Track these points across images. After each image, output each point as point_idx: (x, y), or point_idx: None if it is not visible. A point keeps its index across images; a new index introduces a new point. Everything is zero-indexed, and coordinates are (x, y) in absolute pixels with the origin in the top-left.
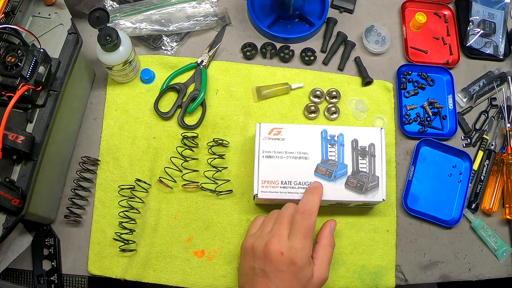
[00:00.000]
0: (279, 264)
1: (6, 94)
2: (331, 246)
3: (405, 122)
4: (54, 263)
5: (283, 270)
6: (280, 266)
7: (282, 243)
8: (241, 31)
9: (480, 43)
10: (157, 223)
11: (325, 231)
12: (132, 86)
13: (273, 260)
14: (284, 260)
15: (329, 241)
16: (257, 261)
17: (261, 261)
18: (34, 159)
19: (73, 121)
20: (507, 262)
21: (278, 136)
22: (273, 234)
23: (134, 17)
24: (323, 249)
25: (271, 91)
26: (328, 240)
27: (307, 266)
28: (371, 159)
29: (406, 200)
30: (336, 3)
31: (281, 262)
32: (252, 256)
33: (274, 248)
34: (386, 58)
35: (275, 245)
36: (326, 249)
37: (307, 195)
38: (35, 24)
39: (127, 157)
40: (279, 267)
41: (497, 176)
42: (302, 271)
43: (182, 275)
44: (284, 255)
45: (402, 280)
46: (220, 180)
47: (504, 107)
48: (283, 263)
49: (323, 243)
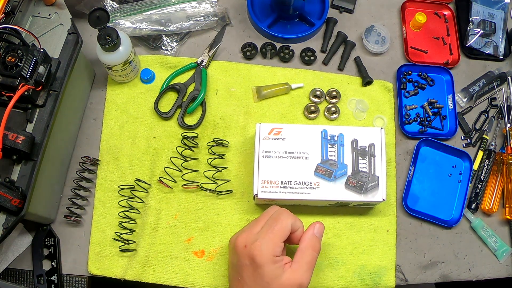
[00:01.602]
0: (243, 257)
1: (6, 94)
2: (312, 250)
3: (405, 122)
4: (54, 263)
5: (246, 264)
6: (244, 259)
7: (249, 236)
8: (241, 31)
9: (480, 43)
10: (157, 223)
11: (307, 234)
12: (132, 86)
13: (238, 253)
14: (246, 254)
15: (310, 244)
16: (231, 255)
17: (232, 255)
18: (34, 159)
19: (73, 121)
20: (507, 262)
21: (278, 136)
22: (245, 229)
23: (134, 17)
24: (302, 252)
25: (271, 91)
26: (308, 243)
27: (269, 264)
28: (371, 159)
29: (406, 200)
30: (336, 3)
31: (244, 255)
32: (230, 250)
33: (240, 240)
34: (386, 58)
35: (242, 238)
36: (305, 252)
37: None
38: (35, 24)
39: (127, 157)
40: (243, 261)
41: (497, 176)
42: (262, 268)
43: (182, 275)
44: (246, 248)
45: (402, 280)
46: (220, 180)
47: (504, 107)
48: (246, 257)
49: (302, 245)
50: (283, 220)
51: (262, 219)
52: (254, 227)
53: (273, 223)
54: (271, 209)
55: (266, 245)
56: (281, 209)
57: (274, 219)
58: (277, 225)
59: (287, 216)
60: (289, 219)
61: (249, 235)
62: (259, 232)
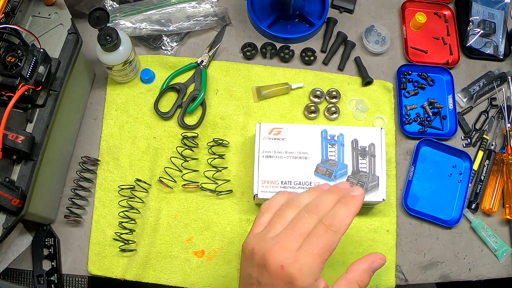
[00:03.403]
0: (276, 279)
1: (6, 94)
2: (358, 285)
3: (405, 122)
4: (54, 263)
5: (280, 285)
6: (277, 281)
7: (286, 254)
8: (241, 31)
9: (480, 43)
10: (157, 223)
11: (362, 266)
12: (132, 86)
13: (271, 272)
14: (282, 276)
15: (360, 278)
16: (255, 269)
17: (258, 270)
18: (34, 159)
19: (73, 121)
20: (507, 262)
21: (278, 136)
22: (279, 241)
23: (134, 17)
24: (349, 284)
25: (271, 91)
26: (359, 276)
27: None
28: (371, 159)
29: (406, 200)
30: (336, 3)
31: (279, 277)
32: (250, 261)
33: (275, 258)
34: (386, 58)
35: (277, 255)
36: (353, 286)
37: (342, 206)
38: (35, 24)
39: (127, 157)
40: (275, 283)
41: (497, 176)
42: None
43: (182, 275)
44: (284, 270)
45: (402, 280)
46: (220, 180)
47: (504, 107)
48: (281, 279)
49: (351, 276)
50: (337, 232)
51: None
52: (292, 238)
53: (323, 235)
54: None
55: (309, 268)
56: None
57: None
58: (326, 238)
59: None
60: (341, 233)
61: (286, 252)
62: (301, 248)
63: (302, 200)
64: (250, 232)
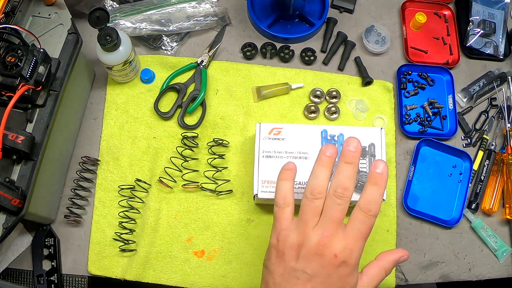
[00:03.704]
0: (330, 267)
1: (6, 94)
2: (385, 273)
3: (405, 122)
4: (54, 263)
5: (331, 274)
6: (331, 269)
7: (337, 243)
8: (241, 31)
9: (480, 43)
10: (157, 223)
11: (392, 256)
12: (132, 86)
13: (326, 263)
14: (335, 263)
15: (388, 266)
16: (301, 263)
17: (307, 263)
18: (34, 159)
19: (73, 121)
20: (507, 262)
21: (278, 136)
22: (324, 232)
23: (134, 17)
24: (378, 270)
25: (271, 91)
26: (388, 265)
27: (355, 270)
28: (371, 159)
29: (406, 200)
30: (336, 3)
31: (332, 264)
32: (295, 256)
33: (330, 249)
34: (386, 58)
35: (331, 246)
36: (381, 272)
37: (373, 187)
38: (35, 24)
39: (127, 157)
40: (329, 271)
41: (497, 176)
42: (349, 276)
43: (182, 275)
44: (338, 258)
45: (402, 280)
46: (220, 180)
47: (504, 107)
48: (333, 266)
49: (382, 264)
50: (375, 215)
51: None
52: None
53: (364, 221)
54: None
55: (357, 250)
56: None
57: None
58: (367, 223)
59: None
60: (377, 214)
61: (335, 241)
62: (347, 235)
63: (320, 184)
64: (277, 228)
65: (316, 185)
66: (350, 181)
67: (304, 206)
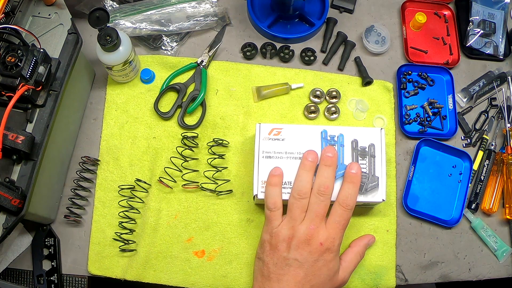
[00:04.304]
0: (317, 253)
1: (6, 94)
2: (360, 256)
3: (405, 122)
4: (54, 263)
5: (318, 259)
6: (317, 255)
7: (322, 233)
8: (241, 31)
9: (480, 43)
10: (157, 223)
11: (363, 241)
12: (132, 86)
13: (313, 250)
14: (321, 249)
15: (361, 251)
16: (292, 251)
17: (297, 252)
18: (34, 159)
19: (73, 121)
20: (507, 262)
21: (278, 137)
22: (310, 225)
23: (134, 17)
24: (354, 255)
25: (271, 91)
26: (361, 248)
27: (337, 255)
28: (371, 160)
29: (406, 200)
30: (336, 3)
31: (317, 251)
32: (286, 247)
33: (316, 239)
34: (386, 58)
35: (317, 236)
36: (356, 256)
37: (348, 185)
38: (35, 24)
39: (127, 157)
40: (316, 257)
41: (497, 176)
42: (332, 260)
43: (182, 275)
44: (323, 245)
45: (402, 280)
46: (220, 180)
47: (504, 107)
48: (319, 252)
49: (356, 249)
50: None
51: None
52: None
53: (343, 214)
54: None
55: (338, 238)
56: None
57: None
58: (345, 216)
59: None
60: (353, 208)
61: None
62: (329, 226)
63: (305, 185)
64: (269, 227)
65: (302, 186)
66: (330, 181)
67: (292, 204)
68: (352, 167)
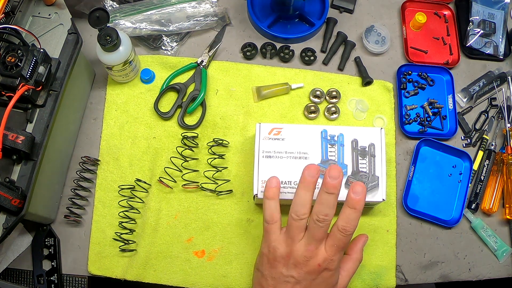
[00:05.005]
0: (314, 273)
1: (6, 94)
2: (359, 261)
3: (405, 122)
4: (54, 263)
5: (316, 278)
6: (315, 275)
7: (320, 255)
8: (241, 31)
9: (480, 43)
10: (157, 223)
11: (358, 246)
12: (132, 86)
13: (310, 270)
14: (318, 270)
15: (359, 256)
16: (290, 270)
17: (295, 270)
18: (34, 159)
19: (73, 121)
20: (507, 262)
21: (278, 136)
22: (308, 247)
23: (134, 17)
24: (353, 263)
25: (271, 91)
26: (359, 255)
27: (336, 271)
28: (371, 159)
29: (406, 200)
30: (336, 3)
31: (315, 271)
32: (285, 263)
33: (314, 261)
34: (386, 58)
35: (315, 258)
36: (355, 263)
37: (350, 210)
38: (35, 24)
39: (127, 157)
40: (313, 276)
41: (497, 176)
42: (332, 277)
43: (182, 275)
44: (320, 266)
45: (402, 280)
46: (220, 180)
47: (504, 107)
48: (318, 272)
49: (354, 257)
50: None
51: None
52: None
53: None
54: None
55: (336, 259)
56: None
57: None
58: (344, 240)
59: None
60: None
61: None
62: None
63: (304, 206)
64: (268, 240)
65: (301, 206)
66: (330, 210)
67: (291, 224)
68: (356, 189)
